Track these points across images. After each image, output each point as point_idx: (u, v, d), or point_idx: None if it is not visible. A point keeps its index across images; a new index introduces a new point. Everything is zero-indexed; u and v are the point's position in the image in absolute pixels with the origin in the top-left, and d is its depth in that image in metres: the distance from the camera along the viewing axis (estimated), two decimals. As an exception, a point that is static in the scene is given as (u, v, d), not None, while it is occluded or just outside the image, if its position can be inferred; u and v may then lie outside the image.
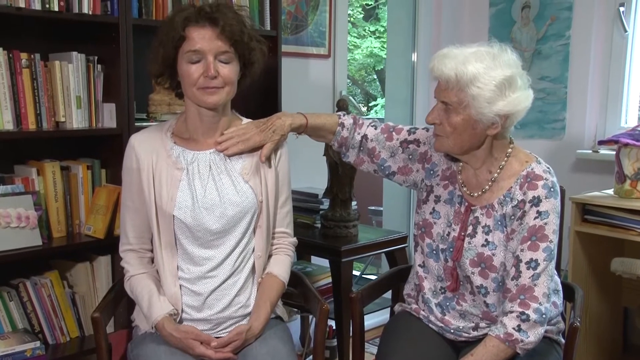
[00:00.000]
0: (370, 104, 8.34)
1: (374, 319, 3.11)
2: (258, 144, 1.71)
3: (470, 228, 1.64)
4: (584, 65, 3.11)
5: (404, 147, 1.78)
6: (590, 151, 3.06)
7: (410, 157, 1.77)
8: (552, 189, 1.57)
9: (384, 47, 7.36)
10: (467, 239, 1.64)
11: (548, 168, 1.62)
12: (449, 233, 1.67)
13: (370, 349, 2.73)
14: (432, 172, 1.74)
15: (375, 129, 1.82)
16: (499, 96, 1.51)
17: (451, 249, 1.66)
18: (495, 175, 1.63)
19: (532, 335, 1.51)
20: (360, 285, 2.41)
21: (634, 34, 2.99)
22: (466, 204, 1.66)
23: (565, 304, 2.26)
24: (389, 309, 2.14)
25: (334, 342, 2.59)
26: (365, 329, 1.94)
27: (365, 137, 1.81)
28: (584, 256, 2.62)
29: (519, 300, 1.52)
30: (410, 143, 1.78)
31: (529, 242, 1.54)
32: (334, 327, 2.50)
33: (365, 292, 1.88)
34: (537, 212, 1.55)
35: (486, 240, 1.62)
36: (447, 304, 1.70)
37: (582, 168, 3.09)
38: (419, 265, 1.76)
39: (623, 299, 2.83)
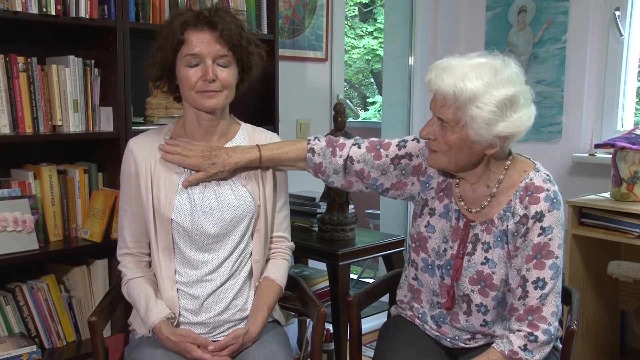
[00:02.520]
0: (368, 100, 8.34)
1: (372, 323, 3.11)
2: (193, 167, 1.63)
3: (469, 246, 1.58)
4: (580, 69, 3.12)
5: (396, 164, 1.68)
6: (587, 154, 3.07)
7: (404, 172, 1.69)
8: (554, 200, 1.50)
9: (381, 45, 7.37)
10: (466, 257, 1.58)
11: (547, 176, 1.55)
12: (445, 250, 1.62)
13: (368, 353, 2.73)
14: (427, 184, 1.67)
15: (360, 148, 1.70)
16: (500, 117, 1.42)
17: (448, 267, 1.61)
18: (494, 190, 1.55)
19: (538, 354, 1.47)
20: (357, 288, 2.41)
21: (629, 38, 3.00)
22: (464, 219, 1.59)
23: (562, 307, 2.25)
24: (386, 312, 2.14)
25: (332, 346, 2.58)
26: (363, 332, 1.94)
27: (349, 159, 1.70)
28: (580, 259, 2.62)
29: (527, 322, 1.48)
30: (402, 158, 1.68)
31: (535, 261, 1.48)
32: (332, 331, 2.50)
33: (362, 296, 1.88)
34: (541, 228, 1.48)
35: (485, 258, 1.56)
36: (442, 319, 1.67)
37: (579, 171, 3.10)
38: (412, 278, 1.71)
39: (620, 302, 2.83)
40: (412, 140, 1.69)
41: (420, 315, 1.71)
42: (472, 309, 1.60)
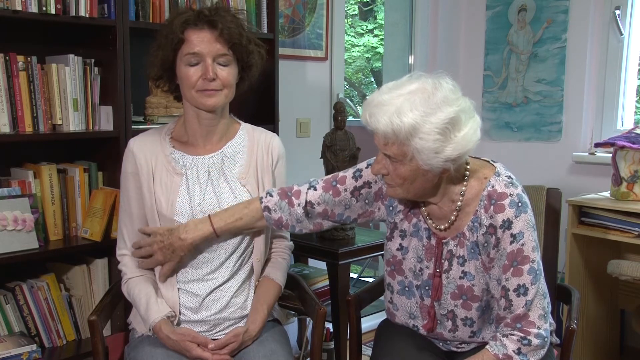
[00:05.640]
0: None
1: (372, 322, 3.11)
2: (160, 263, 1.63)
3: (445, 263, 1.55)
4: (580, 68, 3.12)
5: (357, 196, 1.64)
6: (587, 154, 3.07)
7: (367, 201, 1.65)
8: (519, 204, 1.45)
9: (381, 43, 7.36)
10: (444, 275, 1.55)
11: (509, 178, 1.50)
12: (421, 269, 1.58)
13: (368, 352, 2.73)
14: (391, 207, 1.63)
15: (316, 190, 1.66)
16: (445, 142, 1.37)
17: (427, 287, 1.58)
18: (459, 203, 1.51)
19: (532, 358, 1.45)
20: (357, 287, 2.41)
21: (629, 37, 3.00)
22: (436, 238, 1.56)
23: (562, 306, 2.26)
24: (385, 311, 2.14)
25: (331, 345, 2.58)
26: (363, 331, 1.94)
27: (309, 204, 1.65)
28: (580, 258, 2.62)
29: (517, 329, 1.46)
30: (362, 188, 1.64)
31: (512, 269, 1.45)
32: (331, 330, 2.50)
33: (362, 295, 1.88)
34: (512, 235, 1.44)
35: (463, 271, 1.53)
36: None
37: (579, 170, 3.10)
38: (388, 301, 1.69)
39: (620, 301, 2.84)
40: (367, 167, 1.64)
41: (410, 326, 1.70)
42: (458, 324, 1.58)
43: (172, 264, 1.63)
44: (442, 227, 1.55)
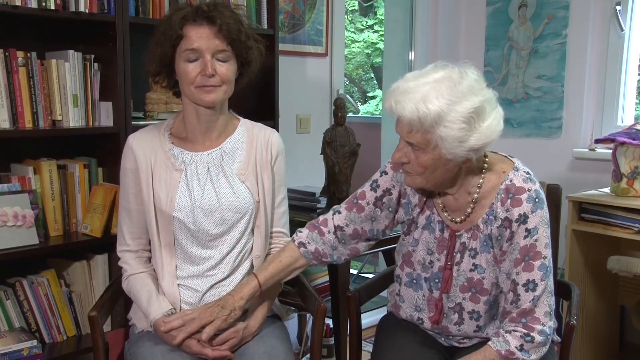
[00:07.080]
0: (369, 95, 8.31)
1: (372, 317, 3.11)
2: (206, 321, 1.56)
3: (457, 256, 1.55)
4: (580, 64, 3.11)
5: (380, 205, 1.65)
6: (587, 150, 3.07)
7: (390, 209, 1.66)
8: (537, 200, 1.46)
9: (382, 39, 7.35)
10: (454, 268, 1.55)
11: (528, 174, 1.51)
12: (431, 262, 1.59)
13: (368, 348, 2.73)
14: (409, 205, 1.64)
15: (340, 213, 1.68)
16: (470, 131, 1.37)
17: (436, 280, 1.58)
18: (475, 195, 1.51)
19: (535, 355, 1.45)
20: (357, 283, 2.41)
21: (630, 33, 2.99)
22: (449, 230, 1.56)
23: (562, 302, 2.26)
24: (385, 307, 2.15)
25: (332, 341, 2.59)
26: (363, 327, 1.94)
27: (338, 228, 1.67)
28: (580, 254, 2.62)
29: (521, 324, 1.46)
30: (383, 197, 1.65)
31: (523, 264, 1.45)
32: (331, 326, 2.51)
33: (362, 291, 1.88)
34: (526, 230, 1.45)
35: (473, 264, 1.53)
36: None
37: (579, 166, 3.10)
38: (396, 294, 1.69)
39: (619, 297, 2.84)
40: (381, 175, 1.66)
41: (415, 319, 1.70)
42: (465, 317, 1.58)
43: (220, 322, 1.56)
44: (458, 219, 1.55)
